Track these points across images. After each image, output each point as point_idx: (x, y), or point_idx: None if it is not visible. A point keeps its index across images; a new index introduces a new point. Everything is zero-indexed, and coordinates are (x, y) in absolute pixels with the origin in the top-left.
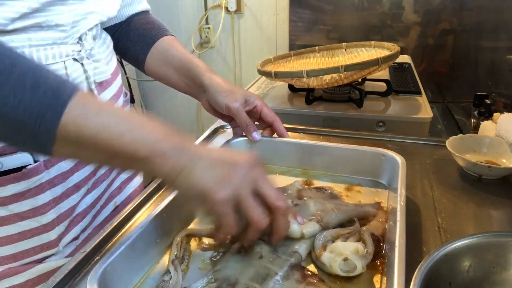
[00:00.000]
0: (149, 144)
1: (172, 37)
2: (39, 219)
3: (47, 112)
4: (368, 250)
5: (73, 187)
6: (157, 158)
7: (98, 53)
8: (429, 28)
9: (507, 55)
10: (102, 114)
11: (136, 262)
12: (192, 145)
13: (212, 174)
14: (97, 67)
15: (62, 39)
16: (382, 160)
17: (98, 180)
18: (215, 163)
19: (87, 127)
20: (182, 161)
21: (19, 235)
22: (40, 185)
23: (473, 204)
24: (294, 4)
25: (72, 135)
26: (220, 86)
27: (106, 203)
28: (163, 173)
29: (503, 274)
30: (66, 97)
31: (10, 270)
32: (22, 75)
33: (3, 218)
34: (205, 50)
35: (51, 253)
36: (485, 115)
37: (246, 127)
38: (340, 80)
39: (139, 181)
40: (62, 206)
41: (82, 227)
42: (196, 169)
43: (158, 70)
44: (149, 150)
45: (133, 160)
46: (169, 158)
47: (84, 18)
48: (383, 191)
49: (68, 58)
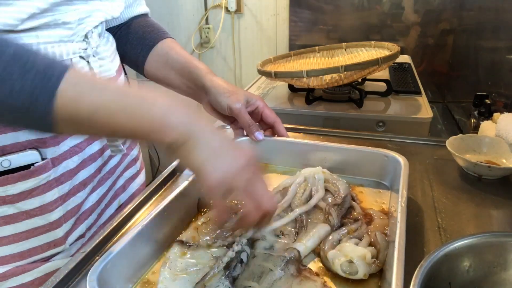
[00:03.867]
0: (147, 120)
1: (172, 40)
2: (46, 217)
3: (39, 97)
4: (377, 261)
5: (79, 184)
6: (158, 133)
7: (103, 51)
8: (429, 28)
9: (507, 55)
10: (95, 91)
11: (137, 259)
12: (198, 118)
13: (211, 156)
14: (103, 65)
15: (69, 37)
16: (385, 161)
17: (103, 177)
18: (218, 146)
19: (82, 106)
20: (186, 133)
21: (27, 233)
22: (48, 183)
23: (473, 204)
24: (294, 4)
25: (69, 115)
26: (221, 87)
27: (111, 202)
28: (165, 144)
29: (503, 274)
30: (56, 79)
31: (18, 268)
32: (8, 63)
33: (11, 216)
34: (205, 50)
35: (58, 251)
36: (485, 115)
37: (249, 127)
38: (340, 80)
39: (142, 180)
40: (69, 203)
41: (87, 225)
42: (198, 145)
43: (158, 73)
44: (149, 126)
45: (134, 134)
46: (172, 130)
47: (89, 15)
48: (385, 192)
49: (75, 55)
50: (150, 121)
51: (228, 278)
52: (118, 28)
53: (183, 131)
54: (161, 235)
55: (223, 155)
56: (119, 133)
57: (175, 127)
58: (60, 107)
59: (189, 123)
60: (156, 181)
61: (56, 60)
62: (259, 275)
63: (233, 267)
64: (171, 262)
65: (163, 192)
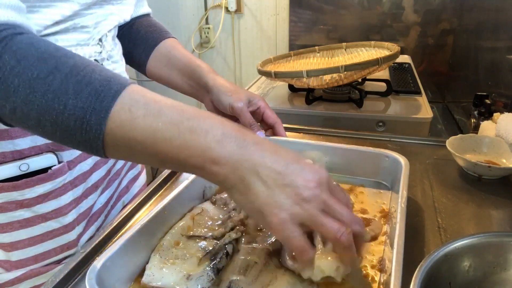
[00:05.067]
0: (200, 150)
1: (174, 40)
2: (61, 220)
3: (92, 118)
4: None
5: (92, 187)
6: (210, 166)
7: (116, 54)
8: (429, 28)
9: (507, 55)
10: (149, 116)
11: (137, 258)
12: (251, 150)
13: (272, 193)
14: (115, 68)
15: (86, 40)
16: (386, 161)
17: (111, 179)
18: (279, 178)
19: (134, 133)
20: (239, 170)
21: (42, 236)
22: (63, 186)
23: (473, 204)
24: (294, 4)
25: (120, 140)
26: (224, 86)
27: (116, 202)
28: (217, 181)
29: (503, 274)
30: (110, 100)
31: (32, 271)
32: (65, 79)
33: (27, 220)
34: (205, 50)
35: (70, 253)
36: (485, 115)
37: (250, 126)
38: (340, 80)
39: (144, 180)
40: (81, 206)
41: (97, 226)
42: (255, 184)
43: (161, 72)
44: (200, 157)
45: (185, 166)
46: (223, 166)
47: (105, 19)
48: (386, 192)
49: (90, 59)
50: (202, 152)
51: (213, 269)
52: (121, 28)
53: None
54: (160, 234)
55: (288, 184)
56: (170, 163)
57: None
58: (111, 130)
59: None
60: (156, 181)
61: (114, 76)
62: (244, 268)
63: (219, 258)
64: (164, 250)
65: (163, 192)
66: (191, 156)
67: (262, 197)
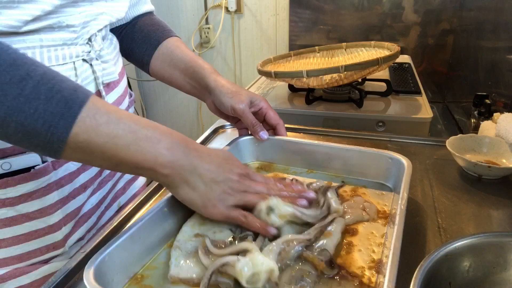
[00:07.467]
0: (152, 156)
1: (177, 38)
2: (46, 220)
3: (59, 122)
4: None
5: (80, 187)
6: (160, 169)
7: (107, 54)
8: (429, 28)
9: (507, 55)
10: (111, 123)
11: (136, 253)
12: (193, 155)
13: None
14: (105, 68)
15: (73, 40)
16: (389, 163)
17: (104, 180)
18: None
19: (96, 137)
20: (183, 172)
21: (26, 235)
22: (48, 186)
23: (473, 204)
24: (294, 4)
25: (81, 144)
26: (225, 87)
27: (111, 204)
28: (165, 183)
29: (503, 274)
30: (77, 107)
31: (17, 270)
32: (37, 85)
33: (11, 219)
34: (205, 50)
35: (57, 253)
36: (485, 115)
37: (253, 127)
38: (340, 80)
39: (143, 182)
40: (68, 206)
41: (87, 227)
42: (195, 183)
43: (163, 72)
44: (152, 162)
45: (137, 168)
46: (171, 170)
47: (94, 19)
48: (388, 194)
49: (78, 59)
50: (154, 158)
51: None
52: (124, 27)
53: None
54: (161, 231)
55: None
56: (124, 166)
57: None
58: (76, 134)
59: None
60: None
61: (80, 87)
62: (299, 278)
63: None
64: (181, 244)
65: (163, 192)
66: (145, 160)
67: (203, 193)
